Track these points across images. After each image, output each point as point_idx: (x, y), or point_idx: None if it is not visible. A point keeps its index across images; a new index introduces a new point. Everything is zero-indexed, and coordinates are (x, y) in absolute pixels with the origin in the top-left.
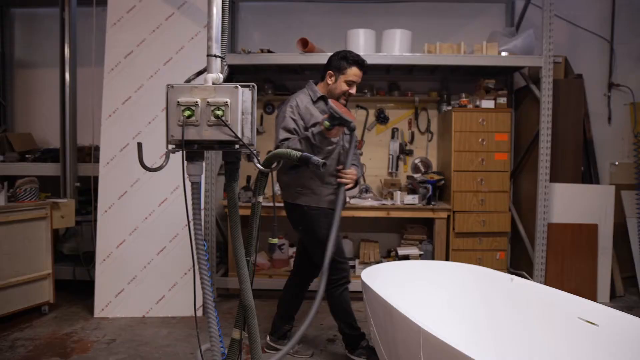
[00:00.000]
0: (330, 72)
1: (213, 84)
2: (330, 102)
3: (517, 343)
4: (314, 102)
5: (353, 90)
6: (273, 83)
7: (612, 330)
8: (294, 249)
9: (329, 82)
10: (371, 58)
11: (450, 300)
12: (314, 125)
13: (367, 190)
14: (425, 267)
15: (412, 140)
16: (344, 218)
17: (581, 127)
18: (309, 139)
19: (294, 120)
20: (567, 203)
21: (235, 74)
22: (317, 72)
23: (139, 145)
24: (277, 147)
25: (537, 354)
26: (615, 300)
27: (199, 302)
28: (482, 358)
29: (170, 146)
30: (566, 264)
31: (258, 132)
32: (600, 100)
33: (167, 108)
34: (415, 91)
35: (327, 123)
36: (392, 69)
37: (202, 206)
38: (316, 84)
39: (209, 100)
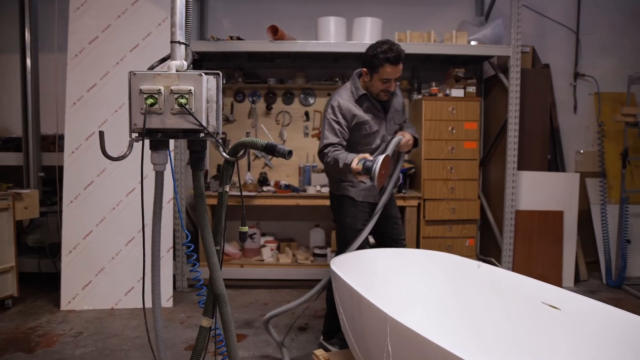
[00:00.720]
0: (365, 69)
1: (177, 71)
2: (380, 160)
3: (484, 328)
4: (356, 100)
5: (392, 87)
6: (243, 71)
7: (574, 313)
8: (265, 238)
9: (365, 79)
10: (342, 46)
11: (419, 288)
12: (358, 125)
13: None
14: (395, 254)
15: None
16: (315, 207)
17: (548, 116)
18: (344, 165)
19: (337, 122)
20: (534, 190)
21: (205, 62)
22: (289, 60)
23: (101, 133)
24: (319, 151)
25: (503, 338)
26: (580, 284)
27: (168, 294)
28: (447, 344)
29: (134, 135)
30: (533, 250)
31: (228, 121)
32: (567, 89)
33: (129, 96)
34: None
35: (359, 168)
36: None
37: (177, 196)
38: (360, 75)
39: (172, 88)
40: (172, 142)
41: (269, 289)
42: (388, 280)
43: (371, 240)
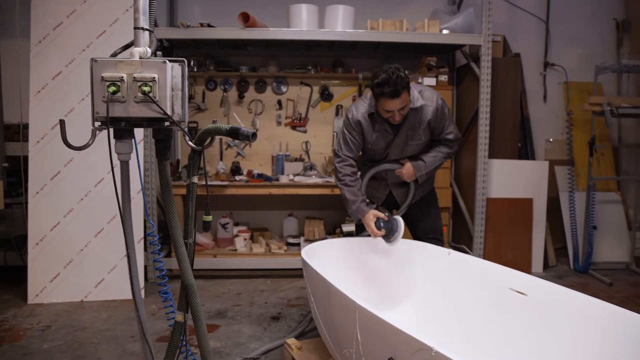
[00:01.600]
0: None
1: (140, 58)
2: (402, 226)
3: (453, 315)
4: (369, 114)
5: (395, 118)
6: (215, 59)
7: (540, 299)
8: (238, 228)
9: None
10: (314, 34)
11: (390, 276)
12: (364, 138)
13: (311, 167)
14: (366, 243)
15: None
16: (288, 196)
17: (518, 105)
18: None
19: (349, 133)
20: (505, 178)
21: (175, 49)
22: (261, 48)
23: (62, 122)
24: (334, 153)
25: (472, 325)
26: (548, 270)
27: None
28: (415, 332)
29: (97, 123)
30: (503, 237)
31: (200, 109)
32: (537, 78)
33: (91, 83)
34: (359, 68)
35: (381, 233)
36: (335, 46)
37: (142, 186)
38: None
39: (135, 75)
40: (141, 131)
41: (243, 278)
42: (358, 268)
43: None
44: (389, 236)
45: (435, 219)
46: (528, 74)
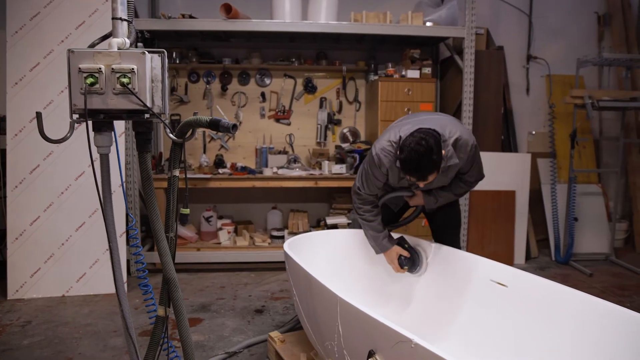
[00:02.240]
0: None
1: (118, 49)
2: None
3: (434, 307)
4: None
5: (422, 185)
6: (197, 50)
7: (520, 290)
8: (222, 221)
9: None
10: (297, 26)
11: (374, 269)
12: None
13: (295, 160)
14: (348, 236)
15: (340, 110)
16: (272, 189)
17: (501, 98)
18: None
19: (373, 175)
20: (488, 171)
21: (157, 41)
22: (244, 40)
23: (38, 115)
24: (353, 190)
25: (453, 317)
26: (530, 261)
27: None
28: (396, 324)
29: (75, 116)
30: (486, 229)
31: (183, 102)
32: (520, 71)
33: (69, 75)
34: (343, 60)
35: (404, 271)
36: (319, 38)
37: (123, 179)
38: None
39: (113, 66)
40: (122, 124)
41: (227, 272)
42: (340, 260)
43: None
44: (411, 269)
45: (454, 214)
46: (511, 67)
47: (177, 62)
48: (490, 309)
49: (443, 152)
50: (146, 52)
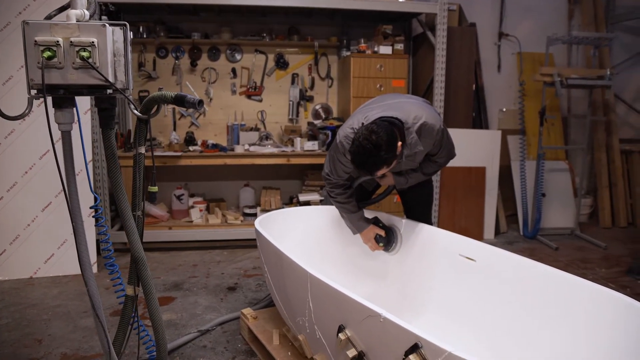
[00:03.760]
0: None
1: (77, 21)
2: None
3: (410, 283)
4: None
5: (381, 182)
6: (165, 25)
7: (487, 264)
8: (193, 199)
9: None
10: (268, 0)
11: (344, 245)
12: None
13: (267, 137)
14: (321, 212)
15: (312, 86)
16: (244, 166)
17: (473, 75)
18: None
19: (340, 162)
20: (459, 147)
21: (122, 14)
22: (213, 14)
23: None
24: (323, 176)
25: (428, 292)
26: (499, 236)
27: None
28: (365, 299)
29: (33, 91)
30: (457, 205)
31: (151, 78)
32: (491, 49)
33: (24, 48)
34: (315, 36)
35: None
36: (291, 12)
37: (86, 158)
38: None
39: (72, 39)
40: (88, 100)
41: (199, 250)
42: (311, 237)
43: None
44: (387, 247)
45: (426, 190)
46: (483, 44)
47: (145, 36)
48: (462, 283)
49: (399, 145)
50: (107, 25)
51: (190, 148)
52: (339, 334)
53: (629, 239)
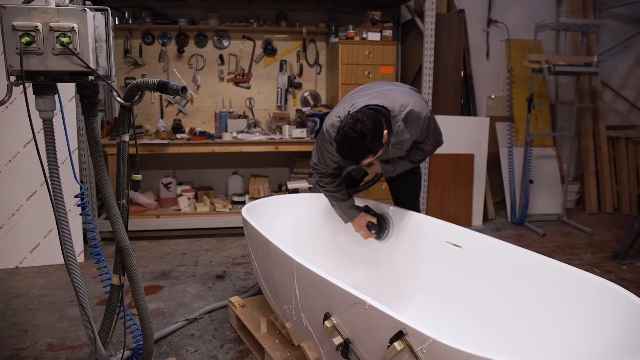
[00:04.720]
0: None
1: (57, 5)
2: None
3: (394, 268)
4: None
5: (369, 170)
6: (152, 10)
7: (473, 250)
8: (182, 187)
9: None
10: None
11: (333, 232)
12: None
13: (255, 124)
14: (309, 200)
15: (300, 73)
16: (233, 154)
17: (462, 61)
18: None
19: (327, 151)
20: (447, 134)
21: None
22: (200, 0)
23: None
24: (311, 165)
25: (417, 279)
26: (487, 223)
27: (79, 249)
28: (350, 287)
29: (12, 78)
30: (446, 192)
31: (137, 65)
32: (480, 35)
33: (2, 33)
34: (303, 22)
35: (372, 235)
36: None
37: (70, 146)
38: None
39: (51, 25)
40: (73, 87)
41: (187, 238)
42: (298, 224)
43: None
44: (379, 235)
45: (415, 177)
46: (472, 31)
47: (130, 22)
48: (451, 270)
49: (385, 134)
50: (87, 10)
51: (178, 136)
52: (325, 322)
53: (614, 225)
